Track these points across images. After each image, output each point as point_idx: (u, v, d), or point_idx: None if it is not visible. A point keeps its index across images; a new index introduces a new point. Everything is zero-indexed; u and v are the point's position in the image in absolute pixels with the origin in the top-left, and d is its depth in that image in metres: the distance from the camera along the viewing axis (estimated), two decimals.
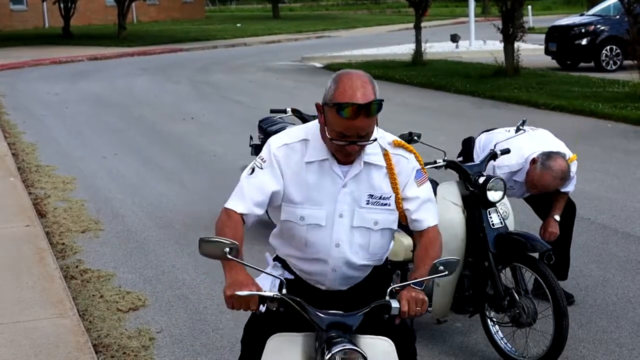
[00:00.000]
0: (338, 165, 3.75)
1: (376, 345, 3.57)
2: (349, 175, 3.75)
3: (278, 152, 3.78)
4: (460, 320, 6.52)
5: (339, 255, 3.79)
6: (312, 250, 3.81)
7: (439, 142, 6.41)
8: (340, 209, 3.75)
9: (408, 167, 3.81)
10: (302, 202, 3.76)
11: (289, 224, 3.81)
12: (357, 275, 3.90)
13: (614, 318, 6.57)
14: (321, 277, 3.88)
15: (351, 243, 3.79)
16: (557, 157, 6.19)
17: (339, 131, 3.57)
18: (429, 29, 34.90)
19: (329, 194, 3.75)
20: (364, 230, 3.79)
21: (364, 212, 3.76)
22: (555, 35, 25.40)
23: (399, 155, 3.81)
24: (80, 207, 10.26)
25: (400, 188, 3.79)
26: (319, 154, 3.76)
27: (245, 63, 30.21)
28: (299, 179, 3.75)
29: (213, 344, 6.30)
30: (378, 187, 3.77)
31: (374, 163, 3.77)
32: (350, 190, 3.75)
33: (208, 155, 13.43)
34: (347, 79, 3.59)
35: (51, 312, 6.64)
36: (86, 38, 42.95)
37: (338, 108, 3.51)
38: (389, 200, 3.78)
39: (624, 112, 16.00)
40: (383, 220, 3.80)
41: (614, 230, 8.77)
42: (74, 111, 18.99)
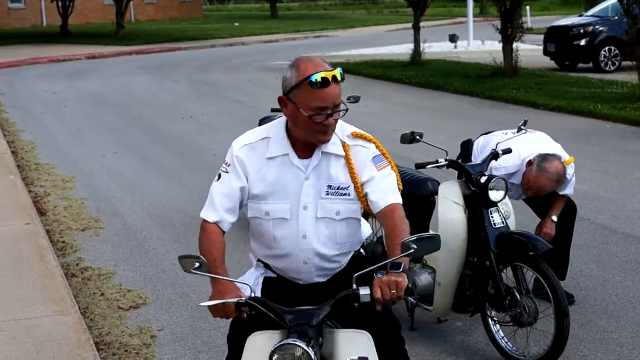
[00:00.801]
0: (299, 159, 3.83)
1: (352, 338, 3.57)
2: (310, 168, 3.82)
3: (239, 152, 3.89)
4: (461, 320, 6.53)
5: (307, 247, 3.85)
6: (281, 245, 3.88)
7: (438, 141, 6.42)
8: (305, 201, 3.82)
9: (366, 156, 3.84)
10: (265, 198, 3.85)
11: (256, 220, 3.93)
12: (331, 266, 3.95)
13: (614, 318, 6.58)
14: (296, 272, 3.93)
15: (318, 234, 3.85)
16: (553, 159, 6.20)
17: (315, 106, 3.63)
18: (427, 29, 34.90)
19: (292, 188, 3.83)
20: (328, 220, 3.84)
21: (325, 202, 3.82)
22: (553, 35, 25.42)
23: (357, 146, 3.86)
24: (80, 205, 10.26)
25: (358, 177, 3.80)
26: (280, 150, 3.84)
27: (243, 62, 30.22)
28: (262, 175, 3.84)
29: (214, 342, 6.31)
30: (335, 178, 3.82)
31: (333, 152, 3.83)
32: (312, 183, 3.82)
33: (207, 154, 13.43)
34: (304, 61, 3.72)
35: (52, 310, 6.65)
36: (84, 36, 42.95)
37: (310, 81, 3.59)
38: (348, 190, 3.82)
39: (622, 112, 16.02)
40: (344, 210, 3.85)
41: (613, 231, 8.79)
42: (72, 110, 18.99)
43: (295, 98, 3.68)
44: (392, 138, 5.52)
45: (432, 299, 6.03)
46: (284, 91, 3.75)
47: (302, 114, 3.67)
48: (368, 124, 15.08)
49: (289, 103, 3.72)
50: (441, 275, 5.94)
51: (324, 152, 3.83)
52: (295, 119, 3.74)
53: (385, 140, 4.33)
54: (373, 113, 16.95)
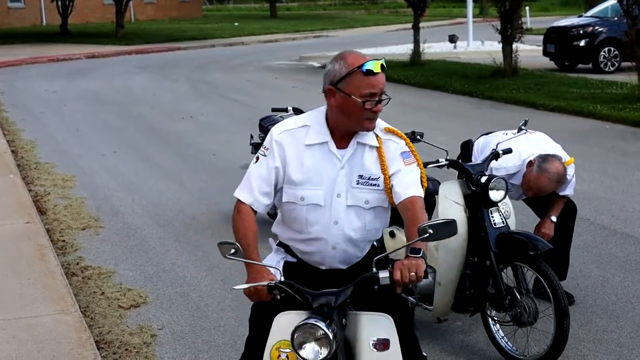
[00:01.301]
0: (338, 148, 4.01)
1: (375, 321, 3.76)
2: (346, 157, 4.01)
3: (279, 137, 4.05)
4: (461, 319, 6.54)
5: (337, 233, 4.03)
6: (313, 230, 4.04)
7: (438, 141, 6.41)
8: (338, 189, 4.00)
9: (396, 150, 4.05)
10: (302, 183, 4.01)
11: (290, 205, 4.07)
12: (355, 253, 4.13)
13: (614, 318, 6.59)
14: (321, 256, 4.09)
15: (348, 220, 4.02)
16: (554, 159, 6.21)
17: (366, 92, 3.86)
18: (427, 29, 34.90)
19: (328, 175, 4.00)
20: (358, 208, 4.02)
21: (356, 191, 4.01)
22: (553, 36, 25.43)
23: (389, 140, 4.07)
24: (80, 205, 10.27)
25: (388, 169, 4.01)
26: (319, 138, 4.02)
27: (243, 62, 30.23)
28: (299, 161, 4.01)
29: (214, 341, 6.32)
30: (368, 168, 4.02)
31: (367, 143, 4.03)
32: (346, 172, 4.01)
33: (207, 154, 13.44)
34: (350, 53, 3.97)
35: (53, 309, 6.65)
36: (84, 36, 42.95)
37: (363, 68, 3.84)
38: (378, 181, 4.01)
39: (622, 113, 16.02)
40: (373, 200, 4.03)
41: (613, 231, 8.80)
42: (72, 109, 19.00)
43: (345, 87, 3.88)
44: None
45: (432, 299, 6.03)
46: (332, 82, 3.92)
47: (354, 101, 3.87)
48: None
49: (338, 92, 3.91)
50: (441, 274, 5.94)
51: (359, 142, 4.03)
52: (344, 107, 3.92)
53: None
54: None
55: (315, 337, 3.52)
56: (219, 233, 9.01)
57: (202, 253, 8.40)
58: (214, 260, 8.16)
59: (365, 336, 3.72)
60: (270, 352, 3.76)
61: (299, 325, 3.53)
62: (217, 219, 9.61)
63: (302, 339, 3.54)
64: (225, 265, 7.94)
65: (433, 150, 6.25)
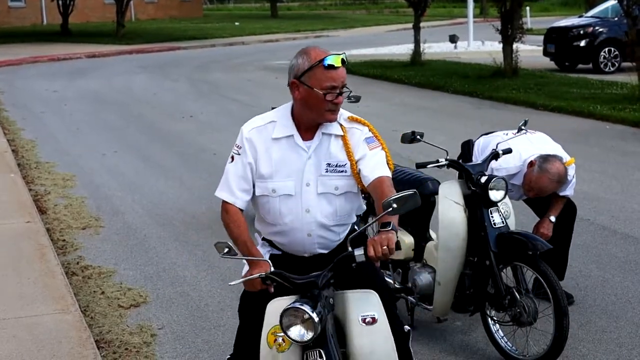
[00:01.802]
0: (302, 140, 4.26)
1: (362, 298, 4.03)
2: (312, 148, 4.25)
3: (249, 135, 4.30)
4: (460, 319, 6.55)
5: (310, 220, 4.26)
6: (287, 220, 4.28)
7: (438, 141, 6.42)
8: (307, 178, 4.24)
9: (360, 137, 4.28)
10: (271, 176, 4.25)
11: (264, 198, 4.31)
12: (331, 237, 4.36)
13: (613, 318, 6.60)
14: (300, 245, 4.33)
15: (320, 208, 4.26)
16: (555, 160, 6.21)
17: (327, 85, 4.10)
18: (427, 29, 34.88)
19: (296, 166, 4.24)
20: (329, 195, 4.26)
21: (325, 179, 4.25)
22: (553, 36, 25.43)
23: (353, 128, 4.31)
24: (81, 204, 10.28)
25: (354, 155, 4.24)
26: (285, 131, 4.27)
27: (244, 62, 30.23)
28: (268, 155, 4.25)
29: (214, 341, 6.33)
30: (334, 156, 4.26)
31: (332, 133, 4.27)
32: (314, 162, 4.25)
33: (207, 153, 13.45)
34: (312, 48, 4.25)
35: (53, 308, 6.66)
36: (84, 35, 42.95)
37: (325, 63, 4.09)
38: (345, 167, 4.25)
39: (622, 113, 16.03)
40: (342, 185, 4.27)
41: (613, 231, 8.80)
42: (72, 108, 19.00)
43: (308, 80, 4.13)
44: (392, 138, 5.56)
45: (432, 299, 6.05)
46: (296, 76, 4.17)
47: (316, 93, 4.11)
48: None
49: (302, 86, 4.16)
50: (441, 274, 5.96)
51: (324, 133, 4.28)
52: (307, 100, 4.16)
53: (385, 140, 4.41)
54: (373, 113, 16.92)
55: (302, 319, 3.75)
56: (219, 232, 8.97)
57: (202, 252, 8.41)
58: (214, 259, 8.17)
59: (354, 313, 3.97)
60: (267, 337, 3.97)
61: (286, 309, 3.77)
62: (217, 219, 9.52)
63: (289, 322, 3.77)
64: (226, 265, 7.95)
65: (433, 150, 6.26)
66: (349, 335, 3.98)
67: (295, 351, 3.89)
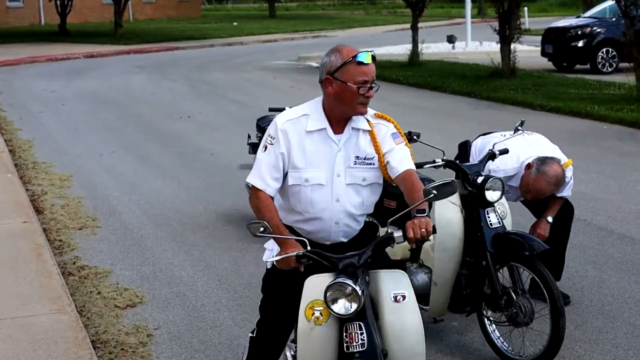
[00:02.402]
0: (335, 134, 4.49)
1: (393, 277, 4.33)
2: (342, 141, 4.50)
3: (283, 126, 4.50)
4: (457, 319, 6.55)
5: (339, 209, 4.51)
6: (317, 208, 4.50)
7: (435, 142, 6.42)
8: (337, 169, 4.48)
9: (387, 132, 4.55)
10: (305, 167, 4.48)
11: (296, 187, 4.51)
12: (354, 226, 4.61)
13: (609, 318, 6.60)
14: (326, 232, 4.55)
15: (348, 197, 4.51)
16: (552, 162, 6.21)
17: (360, 79, 4.37)
18: (425, 29, 34.93)
19: (327, 158, 4.48)
20: (356, 186, 4.52)
21: (353, 170, 4.50)
22: (551, 37, 25.43)
23: (380, 124, 4.58)
24: (78, 204, 10.27)
25: (381, 148, 4.50)
26: (318, 124, 4.49)
27: (242, 62, 30.22)
28: (302, 147, 4.47)
29: (211, 341, 6.33)
30: (363, 150, 4.51)
31: (361, 128, 4.52)
32: (343, 154, 4.49)
33: (205, 153, 13.44)
34: (343, 47, 4.50)
35: (49, 308, 6.66)
36: (82, 35, 42.89)
37: (357, 59, 4.37)
38: (373, 160, 4.51)
39: (619, 114, 16.03)
40: (369, 177, 4.53)
41: (610, 232, 8.81)
42: (70, 108, 18.98)
43: (341, 76, 4.38)
44: None
45: (429, 299, 6.04)
46: (329, 72, 4.42)
47: (349, 88, 4.36)
48: None
49: (335, 81, 4.41)
50: (437, 275, 5.96)
51: (354, 128, 4.53)
52: (341, 94, 4.41)
53: None
54: None
55: (345, 293, 4.05)
56: (215, 233, 9.02)
57: (199, 253, 8.41)
58: (210, 260, 8.17)
59: (386, 291, 4.24)
60: (305, 311, 4.21)
61: (331, 284, 4.06)
62: (215, 219, 9.61)
63: (334, 296, 4.06)
64: (222, 265, 7.96)
65: (430, 150, 6.26)
66: (381, 311, 4.24)
67: (332, 324, 4.16)
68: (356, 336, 4.09)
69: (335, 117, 4.51)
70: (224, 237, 8.89)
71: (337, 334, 4.17)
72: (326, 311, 4.14)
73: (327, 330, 4.17)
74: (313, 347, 4.20)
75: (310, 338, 4.20)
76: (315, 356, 4.21)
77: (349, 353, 4.08)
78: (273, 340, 4.70)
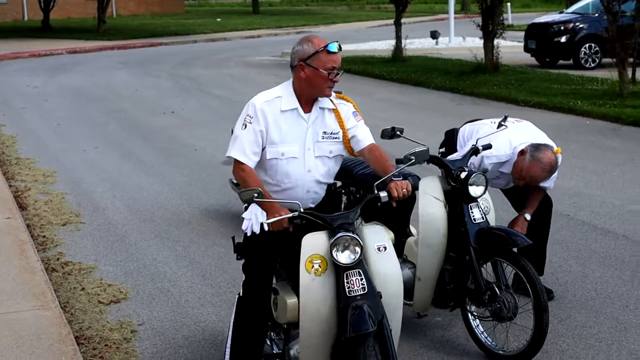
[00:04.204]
0: (304, 113, 5.11)
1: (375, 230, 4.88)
2: (311, 119, 5.12)
3: (261, 107, 5.06)
4: (440, 315, 6.57)
5: (310, 179, 5.14)
6: (292, 179, 5.10)
7: (418, 137, 6.41)
8: (308, 144, 5.10)
9: (348, 111, 5.25)
10: (281, 142, 5.06)
11: (273, 161, 5.08)
12: (322, 193, 5.25)
13: (593, 313, 6.63)
14: (297, 200, 4.94)
15: (317, 168, 5.15)
16: (546, 149, 6.21)
17: (330, 66, 4.98)
18: (408, 25, 34.85)
19: (299, 134, 5.09)
20: (324, 158, 5.16)
21: (322, 144, 5.14)
22: (534, 32, 25.50)
23: (341, 104, 5.26)
24: (61, 200, 10.24)
25: (345, 124, 5.19)
26: (291, 105, 5.10)
27: (225, 58, 30.17)
28: (278, 124, 5.05)
29: (195, 337, 6.32)
30: (329, 126, 5.17)
31: (326, 107, 5.17)
32: (312, 130, 5.11)
33: (189, 149, 13.42)
34: (311, 36, 5.13)
35: (33, 304, 6.63)
36: (66, 31, 42.72)
37: (327, 48, 4.97)
38: (338, 135, 5.18)
39: (602, 109, 16.10)
40: (335, 150, 5.20)
41: (593, 227, 8.84)
42: (53, 104, 18.92)
43: (313, 63, 4.99)
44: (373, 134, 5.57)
45: (412, 294, 6.05)
46: (302, 59, 5.02)
47: (321, 73, 4.98)
48: None
49: (307, 67, 5.01)
50: (421, 270, 5.97)
51: (320, 107, 5.17)
52: (312, 78, 5.01)
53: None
54: None
55: (346, 245, 4.61)
56: (199, 229, 9.01)
57: (183, 249, 8.40)
58: (194, 255, 8.16)
59: (370, 243, 4.78)
60: (305, 264, 4.69)
61: (334, 240, 4.60)
62: (198, 215, 9.60)
63: (341, 248, 4.61)
64: (206, 261, 7.95)
65: (413, 146, 6.24)
66: (367, 261, 4.75)
67: (330, 274, 4.69)
68: (357, 282, 4.62)
69: (304, 98, 5.12)
70: (207, 233, 8.88)
71: (335, 283, 4.68)
72: (324, 263, 4.69)
73: (327, 280, 4.69)
74: (315, 296, 4.68)
75: (312, 288, 4.69)
76: (317, 305, 4.68)
77: (352, 297, 4.58)
78: (258, 296, 5.08)
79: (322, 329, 4.72)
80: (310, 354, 4.78)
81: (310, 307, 4.69)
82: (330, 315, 4.69)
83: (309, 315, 4.71)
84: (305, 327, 4.73)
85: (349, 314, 4.53)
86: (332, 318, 4.70)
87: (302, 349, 4.80)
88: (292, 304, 4.95)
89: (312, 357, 4.79)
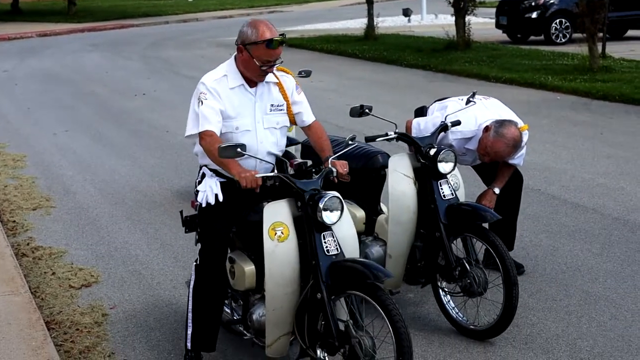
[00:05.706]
0: (250, 88, 5.32)
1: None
2: (257, 94, 5.35)
3: (212, 85, 5.25)
4: (412, 291, 6.59)
5: (263, 150, 5.33)
6: (247, 151, 5.03)
7: (391, 115, 6.43)
8: (258, 117, 5.33)
9: (290, 83, 5.48)
10: (235, 117, 5.27)
11: (229, 135, 5.26)
12: (272, 162, 5.33)
13: (563, 286, 6.67)
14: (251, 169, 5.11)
15: (267, 139, 5.36)
16: (510, 125, 6.23)
17: (265, 59, 5.14)
18: (381, 3, 34.83)
19: (249, 108, 5.31)
20: (272, 129, 5.39)
21: (270, 116, 5.38)
22: (505, 9, 25.55)
23: (283, 77, 5.48)
24: (31, 185, 10.18)
25: (288, 97, 5.44)
26: (237, 82, 5.30)
27: (197, 38, 30.05)
28: (230, 100, 5.26)
29: (167, 319, 6.31)
30: (276, 98, 5.41)
31: (270, 81, 5.40)
32: (260, 104, 5.34)
33: (160, 130, 13.37)
34: (260, 23, 5.24)
35: (2, 290, 6.59)
36: (35, 14, 42.42)
37: (268, 43, 5.10)
38: (283, 107, 5.43)
39: (573, 84, 16.16)
40: (281, 121, 5.43)
41: (563, 201, 8.88)
42: (23, 88, 18.78)
43: (251, 51, 5.14)
44: (346, 112, 5.60)
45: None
46: (242, 42, 5.19)
47: (254, 63, 5.15)
48: (322, 99, 15.08)
49: (245, 52, 5.18)
50: (392, 247, 5.98)
51: (266, 81, 5.37)
52: (247, 64, 5.21)
53: (338, 114, 4.52)
54: (327, 88, 16.96)
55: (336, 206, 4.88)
56: (171, 210, 8.97)
57: (155, 231, 8.37)
58: (166, 237, 8.13)
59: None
60: (268, 232, 4.91)
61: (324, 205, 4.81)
62: (170, 196, 9.57)
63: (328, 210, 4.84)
64: (178, 243, 7.92)
65: (384, 123, 6.25)
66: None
67: (292, 240, 4.93)
68: (332, 242, 4.90)
69: (246, 76, 5.30)
70: (179, 215, 8.83)
71: (298, 248, 4.94)
72: (286, 230, 4.92)
73: (289, 245, 4.92)
74: (279, 262, 4.91)
75: (276, 255, 4.91)
76: (282, 269, 4.91)
77: (329, 256, 4.85)
78: (215, 263, 5.31)
79: (287, 292, 4.95)
80: (277, 316, 5.00)
81: (275, 272, 4.92)
82: (294, 278, 4.96)
83: (275, 280, 4.93)
84: (271, 291, 4.95)
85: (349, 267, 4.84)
86: (295, 281, 4.97)
87: (269, 312, 5.00)
88: (250, 271, 5.28)
89: (278, 319, 5.01)
